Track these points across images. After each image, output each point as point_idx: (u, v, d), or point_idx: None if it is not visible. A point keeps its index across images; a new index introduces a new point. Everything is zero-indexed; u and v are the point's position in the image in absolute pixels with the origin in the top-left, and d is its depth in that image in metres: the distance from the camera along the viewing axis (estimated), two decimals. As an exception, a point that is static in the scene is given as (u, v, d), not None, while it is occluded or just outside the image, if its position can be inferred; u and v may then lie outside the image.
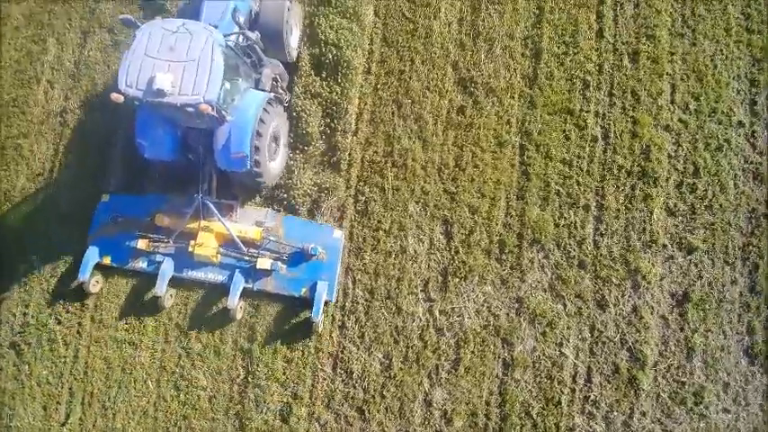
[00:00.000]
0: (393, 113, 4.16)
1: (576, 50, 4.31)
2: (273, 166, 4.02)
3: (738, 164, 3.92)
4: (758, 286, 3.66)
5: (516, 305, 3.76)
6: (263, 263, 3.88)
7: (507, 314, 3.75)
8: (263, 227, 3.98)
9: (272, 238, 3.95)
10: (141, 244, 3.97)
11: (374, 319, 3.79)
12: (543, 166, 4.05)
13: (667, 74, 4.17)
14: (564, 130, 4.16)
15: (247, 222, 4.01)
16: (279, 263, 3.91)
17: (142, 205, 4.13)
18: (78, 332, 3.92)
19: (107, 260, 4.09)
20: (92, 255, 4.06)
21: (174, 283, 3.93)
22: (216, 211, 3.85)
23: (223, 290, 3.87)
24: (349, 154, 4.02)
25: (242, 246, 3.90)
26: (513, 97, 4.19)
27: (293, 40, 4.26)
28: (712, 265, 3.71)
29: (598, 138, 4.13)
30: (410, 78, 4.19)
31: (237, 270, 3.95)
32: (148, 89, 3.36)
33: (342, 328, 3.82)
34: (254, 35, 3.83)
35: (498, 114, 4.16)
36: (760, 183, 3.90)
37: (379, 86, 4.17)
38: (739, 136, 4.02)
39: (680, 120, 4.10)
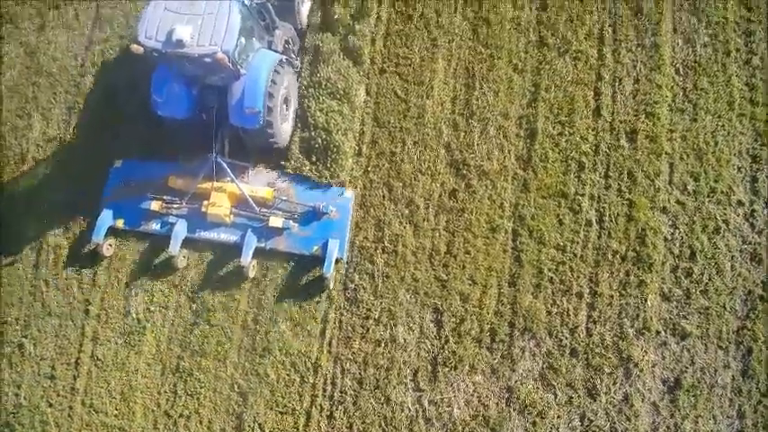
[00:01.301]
0: (384, 197, 5.61)
1: (571, 130, 5.74)
2: (285, 128, 5.38)
3: (736, 245, 5.11)
4: (751, 370, 4.85)
5: (506, 395, 4.93)
6: (275, 221, 5.30)
7: (497, 404, 5.30)
8: (275, 187, 5.40)
9: (283, 198, 5.35)
10: (154, 205, 5.44)
11: (363, 409, 4.97)
12: (536, 252, 5.67)
13: (666, 153, 5.33)
14: (558, 215, 5.69)
15: (259, 184, 5.40)
16: (291, 221, 5.32)
17: (154, 170, 5.60)
18: (89, 301, 5.54)
19: (120, 223, 5.59)
20: (105, 218, 5.53)
21: (187, 244, 5.30)
22: (229, 171, 5.20)
23: (235, 250, 5.32)
24: None
25: (254, 205, 5.27)
26: (507, 180, 5.59)
27: (304, 8, 5.65)
28: (705, 350, 4.88)
29: (593, 222, 5.50)
30: (402, 160, 5.47)
31: (250, 229, 5.35)
32: (168, 40, 4.72)
33: (330, 419, 4.89)
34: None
35: (491, 198, 5.69)
36: (757, 264, 5.03)
37: (369, 169, 5.34)
38: (738, 216, 5.23)
39: (677, 201, 5.34)
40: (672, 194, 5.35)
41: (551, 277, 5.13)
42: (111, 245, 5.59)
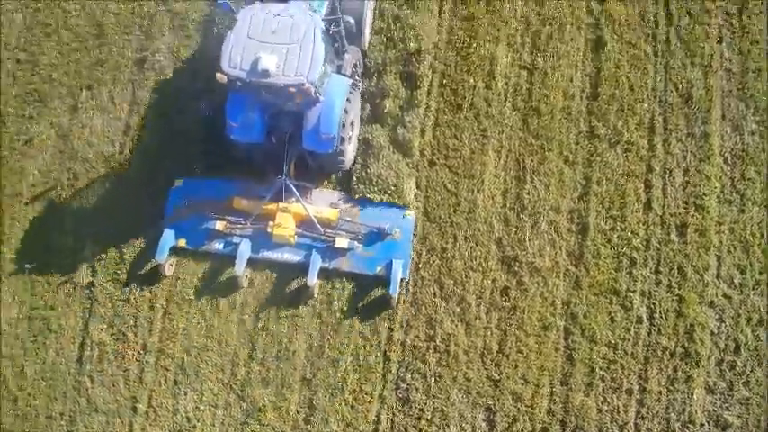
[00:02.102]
0: (435, 294, 7.34)
1: (623, 225, 7.51)
2: (350, 149, 7.08)
3: (778, 335, 7.23)
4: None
5: (559, 494, 6.99)
6: (341, 242, 6.95)
7: (551, 505, 6.94)
8: (339, 208, 7.09)
9: (347, 219, 7.05)
10: (219, 226, 7.04)
11: None
12: (588, 350, 7.27)
13: (714, 246, 7.24)
14: (609, 312, 7.38)
15: (322, 204, 7.12)
16: (355, 242, 7.02)
17: (215, 189, 7.21)
18: (150, 319, 7.12)
19: (182, 243, 7.16)
20: (168, 238, 7.07)
21: (249, 263, 6.98)
22: (297, 193, 6.83)
23: (295, 269, 7.02)
24: (389, 338, 7.09)
25: (319, 226, 6.93)
26: (558, 277, 7.38)
27: (368, 30, 7.40)
28: (745, 440, 6.64)
29: (643, 318, 7.31)
30: (453, 257, 7.28)
31: (315, 249, 6.96)
32: (253, 70, 6.11)
33: None
34: (351, 20, 6.80)
35: (543, 296, 7.38)
36: (797, 353, 7.19)
37: (420, 265, 7.07)
38: (781, 307, 7.37)
39: (724, 295, 7.04)
40: (719, 288, 7.05)
41: (602, 375, 6.74)
42: (172, 264, 7.27)
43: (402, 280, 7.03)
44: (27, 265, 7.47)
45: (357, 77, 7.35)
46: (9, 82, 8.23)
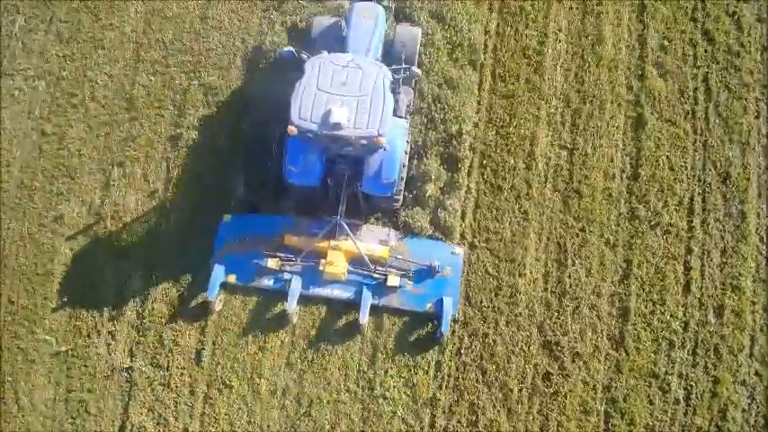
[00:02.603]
0: (477, 380, 8.72)
1: (663, 309, 8.91)
2: (401, 187, 8.56)
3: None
4: None
5: None
6: (393, 280, 8.33)
7: None
8: (388, 245, 8.50)
9: (398, 256, 8.46)
10: (272, 263, 8.40)
11: None
12: None
13: (748, 326, 8.84)
14: (648, 395, 8.72)
15: (371, 240, 8.56)
16: (406, 279, 8.43)
17: (265, 225, 8.61)
18: (190, 404, 8.37)
19: (232, 278, 8.48)
20: (218, 274, 8.38)
21: (299, 299, 8.33)
22: (351, 234, 8.26)
23: (343, 305, 8.47)
24: (431, 424, 8.38)
25: (370, 264, 8.36)
26: (599, 361, 8.77)
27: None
28: None
29: (680, 400, 8.72)
30: (494, 342, 8.72)
31: (365, 287, 8.34)
32: (324, 123, 7.47)
33: None
34: (418, 71, 8.45)
35: (584, 381, 8.70)
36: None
37: (462, 351, 8.61)
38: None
39: (756, 372, 8.69)
40: (751, 367, 8.36)
41: (641, 458, 8.04)
42: (221, 300, 8.64)
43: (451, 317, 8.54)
44: (62, 348, 8.71)
45: (408, 116, 8.88)
46: (35, 155, 9.25)
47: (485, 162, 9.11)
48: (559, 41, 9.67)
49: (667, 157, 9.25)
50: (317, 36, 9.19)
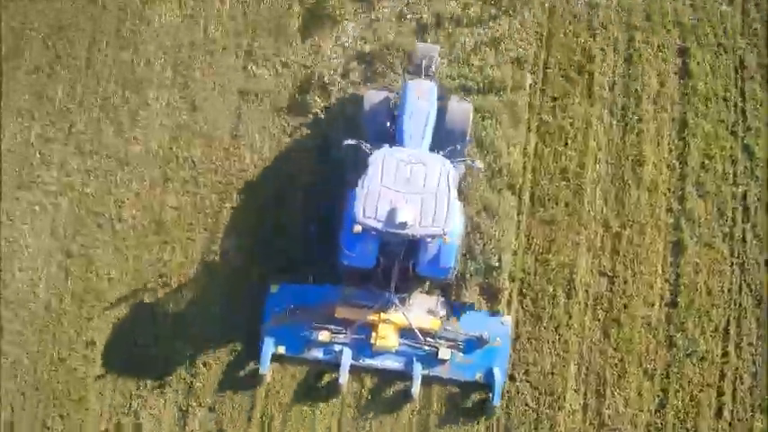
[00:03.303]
0: None
1: None
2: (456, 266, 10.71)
3: None
4: None
5: None
6: (444, 353, 10.51)
7: None
8: (438, 316, 10.73)
9: (448, 328, 10.70)
10: (323, 336, 10.47)
11: None
12: None
13: None
14: None
15: (420, 309, 10.73)
16: (456, 351, 10.64)
17: (313, 295, 10.76)
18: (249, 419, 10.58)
19: (281, 350, 10.57)
20: (268, 346, 10.50)
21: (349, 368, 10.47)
22: (403, 310, 10.50)
23: (393, 374, 10.60)
24: None
25: (420, 336, 10.54)
26: None
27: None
28: None
29: None
30: None
31: (415, 357, 10.53)
32: (389, 221, 9.63)
33: None
34: (480, 165, 10.83)
35: None
36: None
37: None
38: None
39: None
40: None
41: None
42: (271, 369, 10.72)
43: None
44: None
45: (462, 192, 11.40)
46: (62, 275, 11.17)
47: (524, 291, 11.38)
48: (599, 162, 11.92)
49: (705, 282, 11.41)
50: (368, 113, 11.48)
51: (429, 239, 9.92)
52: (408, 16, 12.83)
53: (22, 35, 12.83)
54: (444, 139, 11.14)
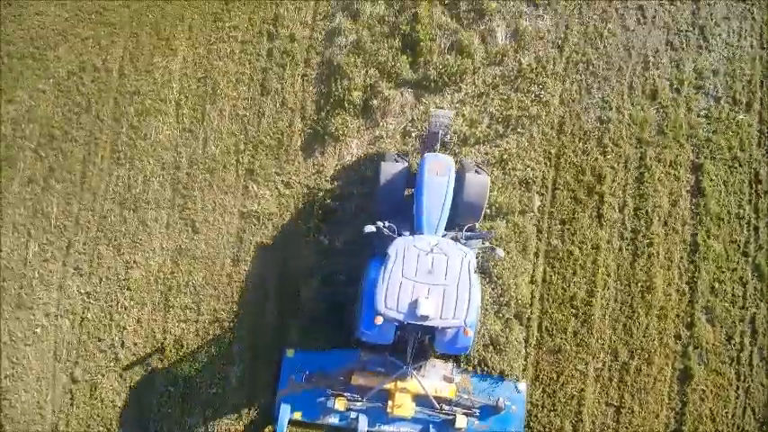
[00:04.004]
0: None
1: None
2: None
3: None
4: None
5: None
6: (461, 421, 12.84)
7: None
8: (453, 382, 13.47)
9: (464, 395, 13.62)
10: (339, 404, 12.69)
11: None
12: None
13: None
14: None
15: (435, 376, 13.39)
16: (472, 418, 13.16)
17: (330, 361, 13.35)
18: None
19: (298, 415, 13.09)
20: (285, 412, 12.91)
21: None
22: (420, 381, 13.27)
23: None
24: None
25: (436, 404, 13.34)
26: None
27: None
28: None
29: None
30: None
31: (432, 425, 12.98)
32: (410, 313, 11.60)
33: None
34: (502, 254, 13.27)
35: None
36: None
37: None
38: None
39: None
40: None
41: None
42: None
43: None
44: None
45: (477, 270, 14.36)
46: (67, 400, 14.03)
47: (531, 424, 13.80)
48: (608, 288, 14.55)
49: (711, 410, 14.15)
50: (384, 183, 13.84)
51: (450, 331, 12.03)
52: (414, 133, 15.62)
53: (14, 143, 16.11)
54: (462, 212, 13.64)
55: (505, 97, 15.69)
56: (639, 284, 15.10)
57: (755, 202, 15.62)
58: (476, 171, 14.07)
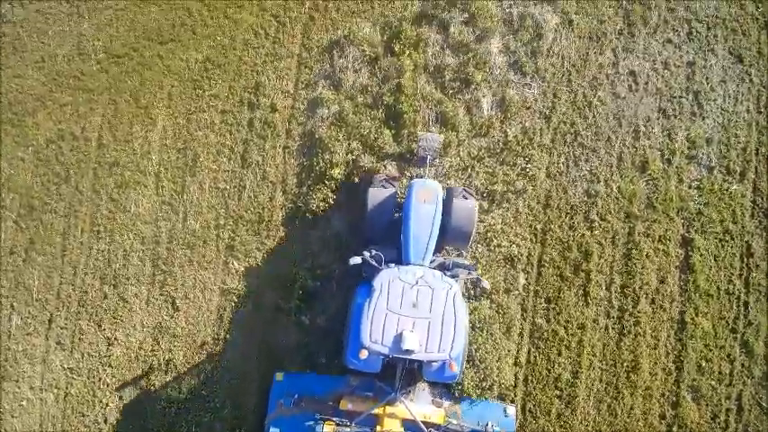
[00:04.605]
0: None
1: None
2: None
3: None
4: None
5: None
6: None
7: None
8: (443, 406, 14.47)
9: (453, 421, 14.26)
10: (328, 429, 13.15)
11: None
12: None
13: None
14: None
15: (424, 400, 14.32)
16: None
17: (319, 385, 14.29)
18: None
19: None
20: None
21: None
22: (408, 407, 14.05)
23: None
24: None
25: (424, 429, 13.47)
26: None
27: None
28: None
29: None
30: None
31: None
32: (395, 346, 12.54)
33: None
34: (487, 286, 14.51)
35: None
36: None
37: None
38: None
39: None
40: None
41: None
42: None
43: None
44: None
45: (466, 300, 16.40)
46: None
47: (515, 508, 14.65)
48: (593, 369, 15.31)
49: (697, 489, 14.94)
50: (372, 210, 14.74)
51: (435, 364, 13.03)
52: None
53: (-6, 213, 16.82)
54: (450, 238, 14.88)
55: (491, 170, 16.52)
56: (625, 364, 16.15)
57: (746, 277, 16.59)
58: (464, 196, 15.12)
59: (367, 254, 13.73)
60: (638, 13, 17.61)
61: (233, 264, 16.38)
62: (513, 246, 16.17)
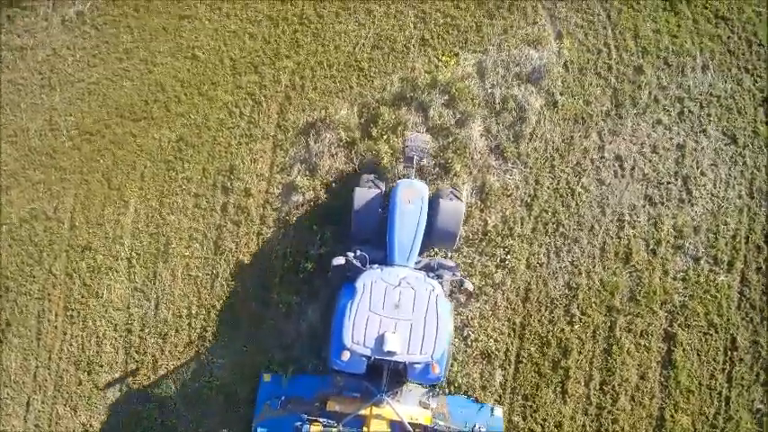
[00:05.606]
0: None
1: None
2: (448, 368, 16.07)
3: None
4: None
5: None
6: None
7: None
8: (430, 407, 14.80)
9: (440, 422, 14.67)
10: (315, 430, 13.64)
11: None
12: None
13: None
14: None
15: (411, 401, 14.70)
16: None
17: (306, 386, 14.90)
18: None
19: None
20: None
21: None
22: (395, 408, 14.45)
23: None
24: None
25: (412, 430, 13.91)
26: None
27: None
28: None
29: None
30: None
31: None
32: (377, 348, 13.02)
33: None
34: (470, 286, 14.99)
35: None
36: None
37: None
38: None
39: None
40: None
41: None
42: None
43: None
44: None
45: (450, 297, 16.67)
46: None
47: None
48: None
49: None
50: (359, 210, 14.90)
51: (418, 366, 13.15)
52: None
53: (-35, 289, 17.30)
54: (436, 239, 15.13)
55: (469, 262, 16.61)
56: (611, 442, 17.85)
57: (729, 371, 16.37)
58: (450, 198, 15.37)
59: (351, 254, 14.00)
60: (627, 93, 17.55)
61: (205, 355, 16.06)
62: (491, 341, 16.11)
